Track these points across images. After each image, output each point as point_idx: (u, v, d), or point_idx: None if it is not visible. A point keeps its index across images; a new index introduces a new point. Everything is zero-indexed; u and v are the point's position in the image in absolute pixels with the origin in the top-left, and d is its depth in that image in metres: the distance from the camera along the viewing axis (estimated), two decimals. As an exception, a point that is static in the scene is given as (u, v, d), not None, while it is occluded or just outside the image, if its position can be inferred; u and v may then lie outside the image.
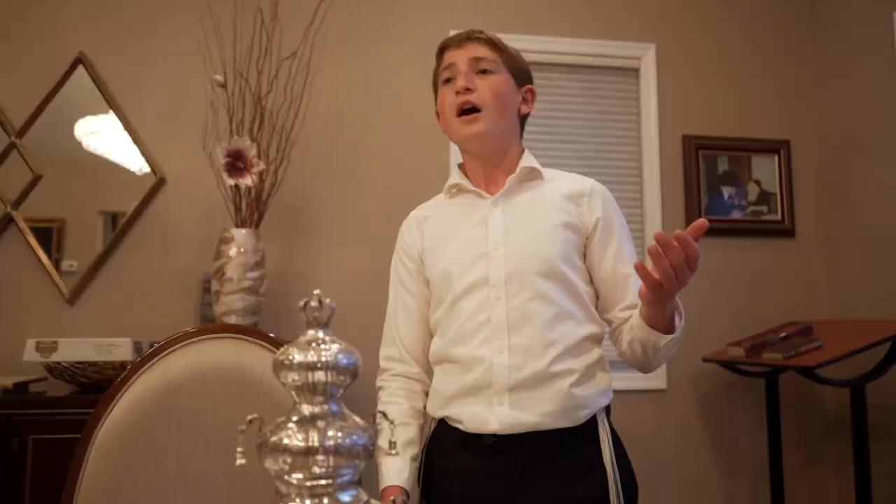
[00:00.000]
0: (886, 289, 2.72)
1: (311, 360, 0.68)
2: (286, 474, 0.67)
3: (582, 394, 1.20)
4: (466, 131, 1.30)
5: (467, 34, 1.35)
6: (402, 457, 1.21)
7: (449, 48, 1.36)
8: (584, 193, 1.32)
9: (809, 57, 3.17)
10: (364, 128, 2.79)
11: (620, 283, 1.28)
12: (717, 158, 3.07)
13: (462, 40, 1.34)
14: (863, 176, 2.88)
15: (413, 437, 1.25)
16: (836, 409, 2.99)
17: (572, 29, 2.98)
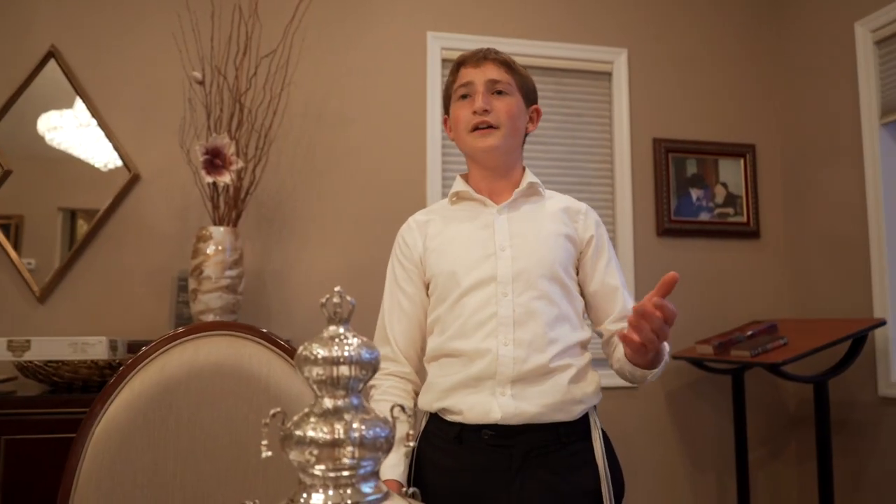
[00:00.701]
0: (846, 289, 2.83)
1: (336, 354, 0.70)
2: (311, 466, 0.68)
3: (578, 390, 1.26)
4: (480, 144, 1.34)
5: (484, 54, 1.39)
6: (395, 452, 1.24)
7: (466, 65, 1.39)
8: (581, 212, 1.40)
9: (774, 65, 3.27)
10: (342, 127, 2.80)
11: (610, 296, 1.35)
12: (685, 161, 3.15)
13: (479, 60, 1.38)
14: (823, 180, 2.99)
15: (406, 432, 1.27)
16: (797, 405, 3.10)
17: (547, 33, 3.03)
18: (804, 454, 3.03)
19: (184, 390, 1.12)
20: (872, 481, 2.68)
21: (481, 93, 1.35)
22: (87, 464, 1.08)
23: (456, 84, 1.41)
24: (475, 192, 1.39)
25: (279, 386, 1.17)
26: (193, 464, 1.11)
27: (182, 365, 1.13)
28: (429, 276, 1.36)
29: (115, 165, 2.60)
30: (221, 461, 1.12)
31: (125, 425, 1.09)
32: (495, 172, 1.40)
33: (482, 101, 1.34)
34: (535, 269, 1.28)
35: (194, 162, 2.42)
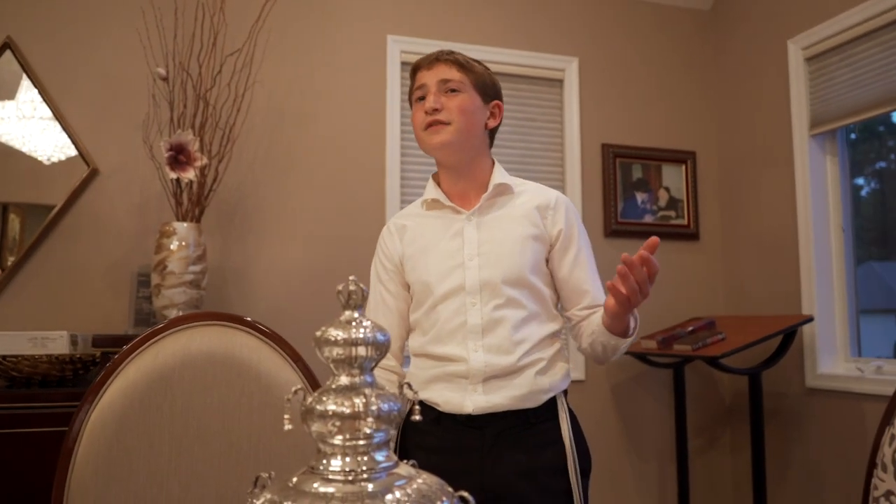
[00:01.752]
0: (777, 287, 3.04)
1: (354, 336, 0.77)
2: (331, 436, 0.76)
3: (545, 380, 1.36)
4: (431, 141, 1.40)
5: (436, 55, 1.44)
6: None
7: (420, 69, 1.45)
8: (550, 206, 1.44)
9: (713, 77, 3.48)
10: (303, 126, 2.84)
11: (577, 286, 1.43)
12: (632, 166, 3.31)
13: (431, 62, 1.43)
14: (757, 186, 3.20)
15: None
16: (732, 398, 3.30)
17: (503, 40, 3.14)
18: (738, 443, 3.23)
19: (178, 378, 1.17)
20: (800, 466, 2.89)
21: (433, 92, 1.40)
22: (83, 449, 1.12)
23: (413, 88, 1.47)
24: (447, 196, 1.45)
25: (269, 374, 1.23)
26: (187, 448, 1.16)
27: (176, 354, 1.18)
28: (408, 280, 1.44)
29: (59, 159, 2.56)
30: (214, 446, 1.17)
31: (121, 412, 1.14)
32: (458, 172, 1.45)
33: (432, 101, 1.39)
34: (500, 277, 1.36)
35: (158, 158, 2.43)
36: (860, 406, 2.64)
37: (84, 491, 1.10)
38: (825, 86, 2.86)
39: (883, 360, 2.69)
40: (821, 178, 2.93)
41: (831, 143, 2.94)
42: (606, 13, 3.34)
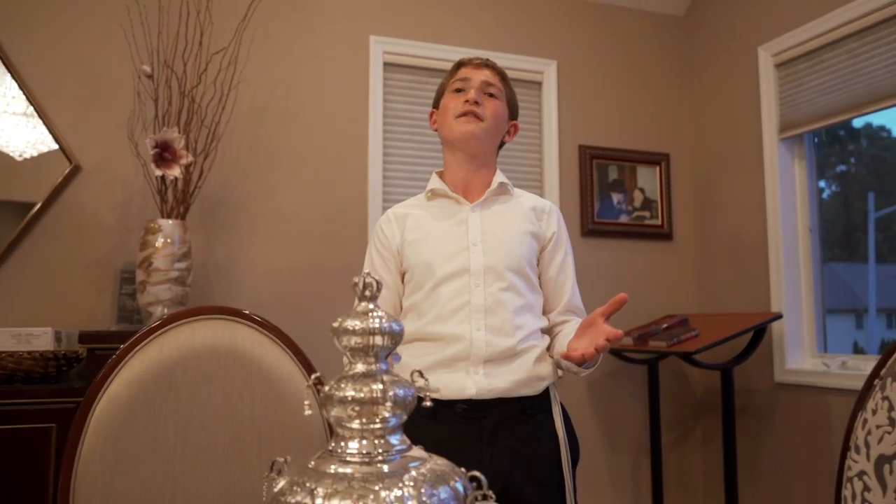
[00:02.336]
0: (747, 286, 3.14)
1: (371, 326, 0.81)
2: (350, 420, 0.80)
3: (542, 368, 1.42)
4: (464, 128, 1.47)
5: (485, 61, 1.55)
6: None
7: (466, 66, 1.54)
8: (545, 211, 1.54)
9: (687, 82, 3.57)
10: (286, 124, 2.86)
11: (560, 287, 1.52)
12: (608, 167, 3.39)
13: (479, 65, 1.53)
14: (729, 188, 3.30)
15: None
16: (703, 393, 3.40)
17: (484, 42, 3.20)
18: (708, 437, 3.33)
19: (182, 370, 1.20)
20: (769, 458, 2.99)
21: (476, 88, 1.49)
22: (89, 438, 1.14)
23: (453, 79, 1.54)
24: (451, 189, 1.52)
25: (271, 366, 1.26)
26: (192, 439, 1.19)
27: (180, 346, 1.21)
28: (405, 266, 1.48)
29: (31, 155, 2.53)
30: (218, 436, 1.20)
31: (127, 402, 1.16)
32: (471, 164, 1.52)
33: (475, 95, 1.48)
34: (503, 262, 1.42)
35: (143, 155, 2.43)
36: (826, 399, 2.75)
37: (91, 480, 1.12)
38: (794, 91, 2.96)
39: (847, 356, 2.80)
40: (789, 181, 3.04)
41: (799, 146, 3.05)
42: (584, 17, 3.41)
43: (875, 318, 3.18)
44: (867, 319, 3.19)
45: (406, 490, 0.75)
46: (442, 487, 0.78)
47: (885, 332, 3.26)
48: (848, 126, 2.97)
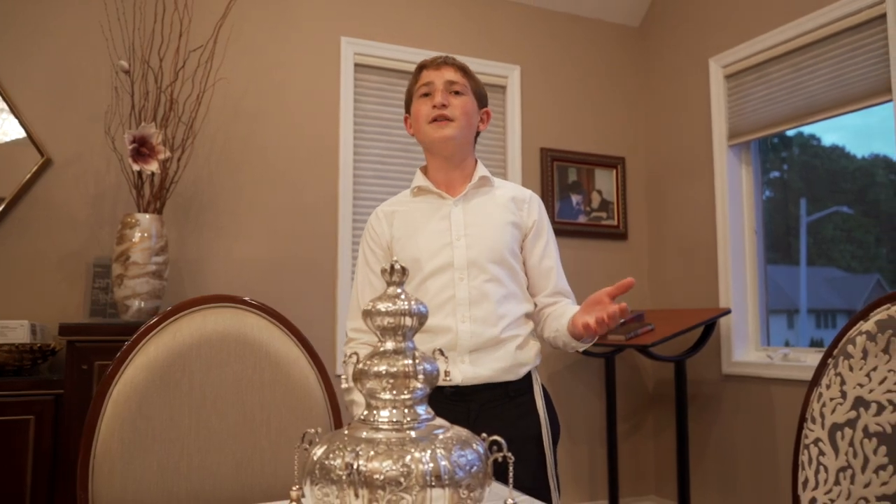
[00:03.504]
0: (697, 283, 3.33)
1: (402, 308, 0.91)
2: (382, 392, 0.89)
3: (523, 355, 1.52)
4: (438, 134, 1.54)
5: (443, 59, 1.58)
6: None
7: (427, 68, 1.58)
8: (525, 200, 1.62)
9: (642, 90, 3.75)
10: (259, 122, 2.90)
11: (545, 273, 1.60)
12: (567, 169, 3.54)
13: (438, 64, 1.57)
14: (680, 191, 3.49)
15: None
16: (655, 385, 3.58)
17: (451, 46, 3.30)
18: (660, 427, 3.51)
19: (195, 355, 1.26)
20: (717, 444, 3.18)
21: (441, 90, 1.55)
22: (107, 419, 1.19)
23: (418, 84, 1.60)
24: (434, 185, 1.61)
25: (278, 352, 1.33)
26: (205, 419, 1.25)
27: (193, 333, 1.27)
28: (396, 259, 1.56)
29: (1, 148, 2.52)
30: (230, 417, 1.27)
31: (143, 386, 1.22)
32: (450, 162, 1.59)
33: (441, 97, 1.54)
34: (485, 255, 1.51)
35: (120, 150, 2.45)
36: (769, 389, 2.95)
37: (111, 459, 1.18)
38: (742, 101, 3.16)
39: (789, 349, 3.01)
40: (736, 186, 3.24)
41: (746, 153, 3.25)
42: (547, 26, 3.55)
43: (805, 318, 3.40)
44: (798, 319, 3.41)
45: (439, 451, 0.84)
46: (467, 450, 0.88)
47: (814, 331, 3.48)
48: (782, 134, 3.18)
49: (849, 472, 1.06)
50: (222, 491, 1.24)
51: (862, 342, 1.08)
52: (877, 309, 1.08)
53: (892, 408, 1.02)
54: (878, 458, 1.03)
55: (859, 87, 2.67)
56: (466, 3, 3.38)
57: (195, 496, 1.22)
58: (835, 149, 3.35)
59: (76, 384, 2.12)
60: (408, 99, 1.64)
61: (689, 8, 3.46)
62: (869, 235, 3.19)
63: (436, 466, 0.83)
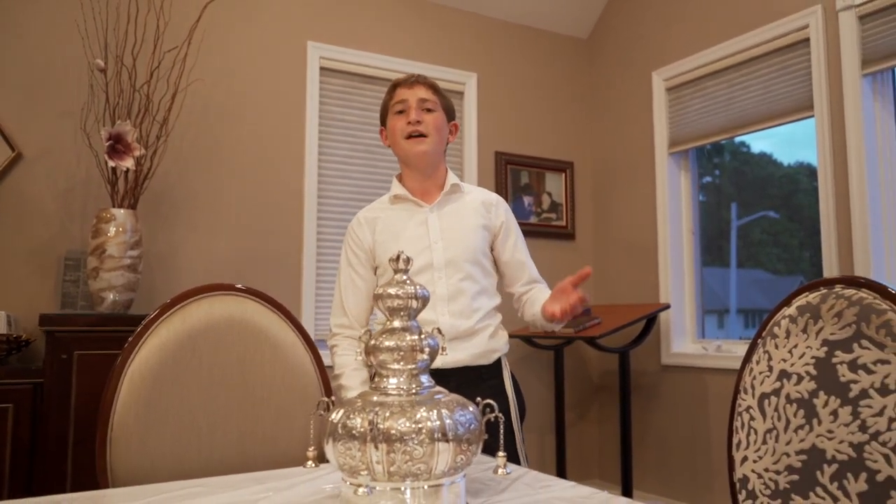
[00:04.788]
0: (640, 280, 3.58)
1: (409, 291, 1.06)
2: (392, 363, 1.04)
3: (494, 343, 1.69)
4: (414, 149, 1.70)
5: (416, 78, 1.74)
6: (362, 388, 1.59)
7: (401, 86, 1.73)
8: (493, 203, 1.80)
9: (590, 99, 3.99)
10: (228, 122, 2.99)
11: (519, 266, 1.79)
12: (520, 172, 3.74)
13: (412, 83, 1.73)
14: (625, 195, 3.73)
15: (366, 377, 1.63)
16: (599, 376, 3.82)
17: (413, 52, 3.45)
18: (604, 416, 3.75)
19: (203, 338, 1.39)
20: (656, 430, 3.43)
21: (414, 108, 1.70)
22: (123, 396, 1.31)
23: (393, 101, 1.75)
24: (410, 193, 1.76)
25: (277, 335, 1.47)
26: (213, 396, 1.38)
27: (201, 318, 1.40)
28: (378, 262, 1.71)
29: None
30: (235, 393, 1.40)
31: (156, 366, 1.34)
32: (424, 173, 1.75)
33: (415, 115, 1.70)
34: (461, 256, 1.68)
35: (95, 146, 2.52)
36: (703, 378, 3.21)
37: (128, 434, 1.29)
38: (681, 112, 3.42)
39: (721, 341, 3.28)
40: (676, 190, 3.49)
41: (685, 160, 3.51)
42: (502, 35, 3.74)
43: (735, 318, 3.67)
44: (728, 319, 3.68)
45: (443, 411, 1.00)
46: (465, 411, 1.04)
47: (743, 331, 3.76)
48: (714, 141, 3.44)
49: (774, 432, 1.27)
50: (229, 460, 1.37)
51: (786, 324, 1.29)
52: (798, 296, 1.29)
53: (809, 378, 1.23)
54: (797, 419, 1.23)
55: (786, 103, 2.94)
56: (427, 13, 3.54)
57: (205, 465, 1.34)
58: (763, 156, 3.62)
59: (56, 373, 2.19)
60: (383, 113, 1.79)
61: (635, 24, 3.71)
62: (793, 239, 3.45)
63: (442, 424, 0.99)
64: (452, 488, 1.03)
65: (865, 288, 1.18)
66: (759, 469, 1.28)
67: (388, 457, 0.96)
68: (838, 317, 1.20)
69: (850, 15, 2.68)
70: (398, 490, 0.99)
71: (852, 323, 1.17)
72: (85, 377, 2.22)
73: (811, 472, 1.19)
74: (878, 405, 1.11)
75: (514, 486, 1.19)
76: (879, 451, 1.09)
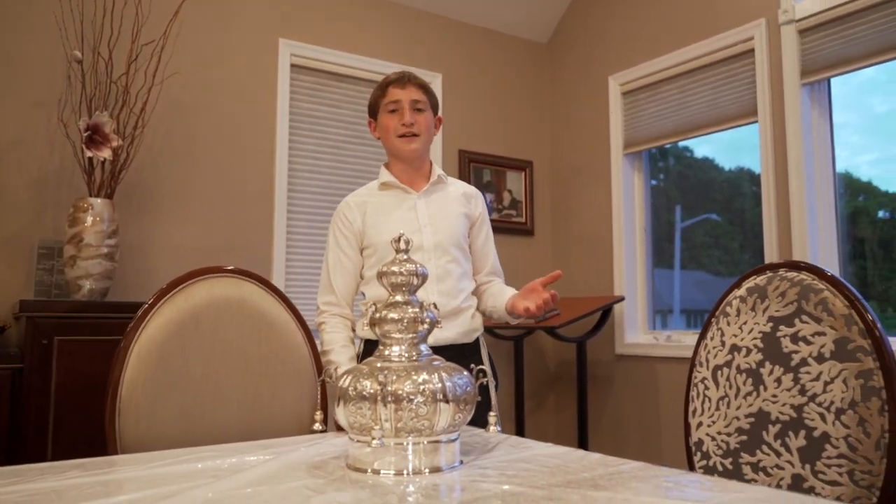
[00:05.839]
0: (596, 274, 3.76)
1: (411, 269, 1.18)
2: (395, 332, 1.16)
3: (475, 322, 1.83)
4: (406, 148, 1.83)
5: (408, 78, 1.86)
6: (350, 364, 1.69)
7: (393, 85, 1.85)
8: (473, 196, 1.94)
9: (549, 101, 4.16)
10: (200, 116, 3.05)
11: (485, 256, 1.94)
12: (482, 170, 3.88)
13: (405, 82, 1.85)
14: (582, 193, 3.91)
15: (353, 353, 1.74)
16: (556, 366, 3.99)
17: (380, 52, 3.56)
18: (561, 404, 3.92)
19: (205, 315, 1.48)
20: (610, 419, 3.62)
21: (408, 110, 1.83)
22: (130, 371, 1.39)
23: (385, 100, 1.86)
24: (399, 181, 1.88)
25: (271, 314, 1.57)
26: (215, 369, 1.47)
27: (203, 297, 1.49)
28: (366, 243, 1.82)
29: None
30: (234, 367, 1.49)
31: (162, 341, 1.42)
32: (412, 166, 1.88)
33: (409, 117, 1.82)
34: (448, 240, 1.81)
35: (72, 136, 2.55)
36: (655, 366, 3.41)
37: (136, 405, 1.37)
38: (636, 116, 3.62)
39: (671, 331, 3.48)
40: (630, 189, 3.69)
41: (638, 161, 3.71)
42: (467, 38, 3.88)
43: (678, 318, 3.88)
44: (671, 319, 3.88)
45: (443, 375, 1.13)
46: (461, 375, 1.17)
47: (685, 331, 3.96)
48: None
49: (726, 399, 1.43)
50: (229, 428, 1.47)
51: (736, 304, 1.46)
52: (747, 279, 1.46)
53: (756, 350, 1.39)
54: (745, 387, 1.40)
55: (732, 109, 3.16)
56: (396, 15, 3.65)
57: (207, 433, 1.44)
58: (706, 161, 3.84)
59: (36, 359, 2.22)
60: (373, 107, 1.90)
61: (592, 30, 3.89)
62: (734, 242, 3.66)
63: (443, 386, 1.11)
64: (449, 446, 1.15)
65: (805, 271, 1.35)
66: (713, 432, 1.45)
67: (396, 414, 1.08)
68: (782, 296, 1.37)
69: (791, 29, 2.90)
70: (401, 446, 1.11)
71: (794, 301, 1.34)
72: (65, 363, 2.26)
73: (758, 432, 1.35)
74: (816, 371, 1.28)
75: (499, 446, 1.31)
76: (816, 410, 1.26)
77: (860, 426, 1.19)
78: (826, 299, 1.29)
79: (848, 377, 1.22)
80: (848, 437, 1.20)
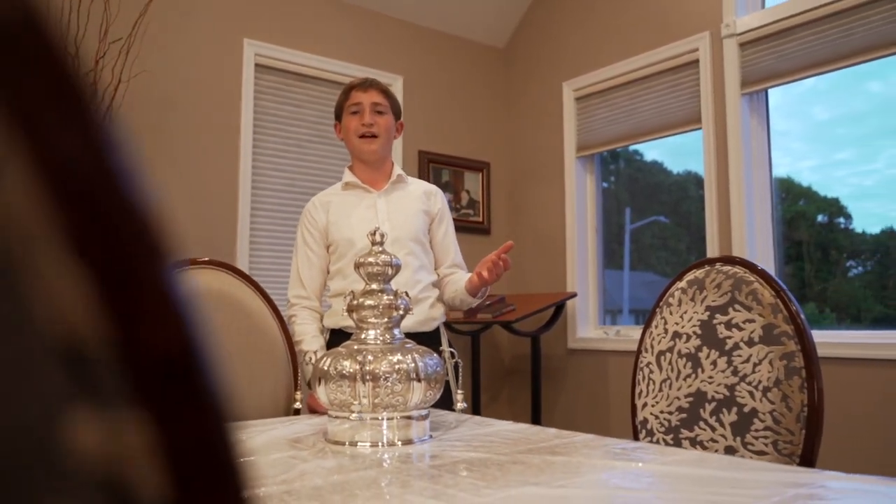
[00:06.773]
0: (549, 271, 3.92)
1: (386, 260, 1.29)
2: (371, 318, 1.27)
3: (434, 312, 1.94)
4: (367, 148, 1.93)
5: (370, 83, 1.97)
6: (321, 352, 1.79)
7: (356, 89, 1.96)
8: (433, 193, 2.05)
9: (506, 105, 4.30)
10: (165, 114, 3.09)
11: (446, 249, 2.04)
12: (441, 170, 4.00)
13: (367, 86, 1.96)
14: (536, 193, 4.07)
15: (322, 343, 1.84)
16: (510, 360, 4.13)
17: (343, 53, 3.65)
18: (514, 397, 4.07)
19: (186, 305, 1.56)
20: (562, 409, 3.78)
21: (368, 111, 1.94)
22: (114, 357, 1.47)
23: (348, 102, 1.97)
24: (361, 181, 1.98)
25: (249, 304, 1.66)
26: (195, 356, 1.55)
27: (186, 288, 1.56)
28: (330, 240, 1.92)
29: None
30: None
31: (145, 329, 1.50)
32: (373, 166, 1.99)
33: (369, 118, 1.94)
34: (405, 235, 1.91)
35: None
36: (605, 360, 3.58)
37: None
38: (589, 120, 3.79)
39: (620, 327, 3.66)
40: (582, 191, 3.86)
41: (591, 164, 3.88)
42: (427, 42, 4.00)
43: (627, 317, 4.06)
44: (620, 318, 4.06)
45: (416, 356, 1.24)
46: (432, 356, 1.28)
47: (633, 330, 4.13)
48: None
49: (668, 381, 1.58)
50: (210, 413, 1.55)
51: (678, 294, 1.61)
52: (688, 272, 1.61)
53: (695, 336, 1.54)
54: (685, 370, 1.55)
55: (678, 116, 3.35)
56: (358, 18, 3.75)
57: (189, 417, 1.52)
58: (655, 164, 4.04)
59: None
60: (338, 111, 2.01)
61: (547, 37, 4.05)
62: (681, 244, 3.86)
63: (416, 366, 1.22)
64: (420, 421, 1.27)
65: (739, 265, 1.51)
66: (656, 412, 1.59)
67: (374, 391, 1.19)
68: (718, 287, 1.52)
69: (732, 42, 3.10)
70: (377, 421, 1.22)
71: (728, 292, 1.50)
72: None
73: (696, 410, 1.50)
74: (746, 354, 1.43)
75: (464, 424, 1.43)
76: (746, 389, 1.41)
77: (783, 402, 1.35)
78: (756, 290, 1.44)
79: (773, 359, 1.38)
80: (773, 412, 1.36)
